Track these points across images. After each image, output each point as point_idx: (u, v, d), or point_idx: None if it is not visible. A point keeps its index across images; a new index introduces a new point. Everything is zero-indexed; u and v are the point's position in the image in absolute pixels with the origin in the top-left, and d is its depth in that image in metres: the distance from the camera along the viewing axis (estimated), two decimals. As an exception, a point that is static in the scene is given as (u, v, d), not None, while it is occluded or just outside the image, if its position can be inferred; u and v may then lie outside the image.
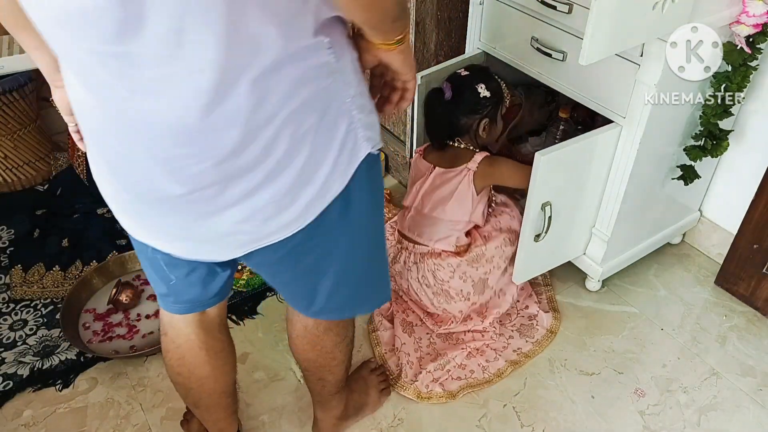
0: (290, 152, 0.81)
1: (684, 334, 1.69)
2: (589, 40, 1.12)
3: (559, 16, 1.46)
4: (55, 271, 1.82)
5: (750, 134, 1.68)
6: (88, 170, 1.93)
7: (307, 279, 1.02)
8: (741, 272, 1.74)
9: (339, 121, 0.84)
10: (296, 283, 1.05)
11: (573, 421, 1.49)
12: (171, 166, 0.80)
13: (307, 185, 0.85)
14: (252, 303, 1.79)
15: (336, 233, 0.95)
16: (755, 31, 1.37)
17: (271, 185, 0.82)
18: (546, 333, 1.67)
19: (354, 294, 1.10)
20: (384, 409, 1.51)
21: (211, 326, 1.17)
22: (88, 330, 1.69)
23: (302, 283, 1.04)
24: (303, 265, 0.98)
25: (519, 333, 1.67)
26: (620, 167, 1.53)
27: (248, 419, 1.49)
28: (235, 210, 0.84)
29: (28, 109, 2.12)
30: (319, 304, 1.06)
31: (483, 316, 1.66)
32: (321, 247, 0.96)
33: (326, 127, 0.83)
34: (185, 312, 1.12)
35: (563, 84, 1.56)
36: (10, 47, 2.05)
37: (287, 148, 0.80)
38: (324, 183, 0.86)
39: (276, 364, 1.62)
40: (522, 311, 1.73)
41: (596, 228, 1.67)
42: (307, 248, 0.94)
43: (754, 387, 1.56)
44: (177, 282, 1.06)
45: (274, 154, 0.80)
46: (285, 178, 0.82)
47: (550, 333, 1.67)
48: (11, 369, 1.59)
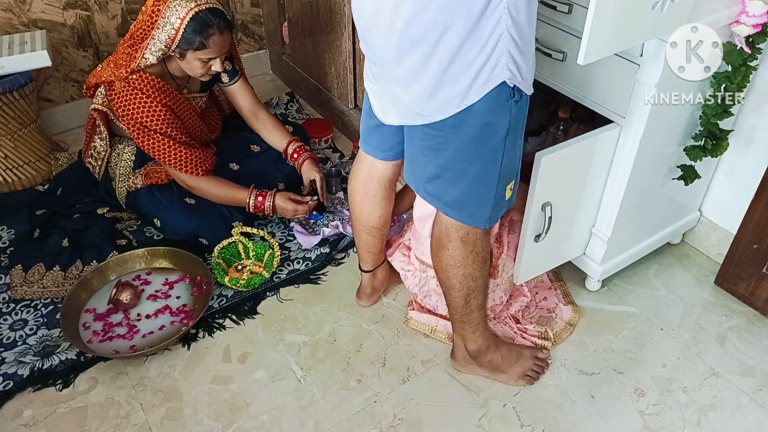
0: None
1: (684, 334, 1.69)
2: (588, 39, 1.12)
3: (559, 16, 1.46)
4: (55, 271, 1.82)
5: (750, 134, 1.68)
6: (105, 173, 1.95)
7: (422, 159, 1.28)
8: (741, 272, 1.74)
9: (490, 38, 1.06)
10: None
11: (573, 421, 1.49)
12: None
13: (445, 85, 1.11)
14: (252, 303, 1.79)
15: (451, 140, 1.19)
16: (755, 31, 1.37)
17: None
18: (565, 325, 1.69)
19: (454, 198, 1.28)
20: (384, 408, 1.51)
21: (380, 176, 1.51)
22: (88, 330, 1.69)
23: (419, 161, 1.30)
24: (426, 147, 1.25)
25: (537, 324, 1.69)
26: (620, 167, 1.53)
27: (248, 419, 1.49)
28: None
29: (28, 109, 2.12)
30: (421, 182, 1.32)
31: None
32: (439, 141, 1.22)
33: (477, 36, 1.05)
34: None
35: (563, 84, 1.56)
36: (11, 47, 2.05)
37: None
38: (456, 91, 1.11)
39: (276, 364, 1.62)
40: (540, 303, 1.75)
41: (596, 228, 1.67)
42: (432, 137, 1.21)
43: (753, 387, 1.56)
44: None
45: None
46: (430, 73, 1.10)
47: (569, 325, 1.69)
48: (11, 369, 1.59)
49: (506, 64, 1.09)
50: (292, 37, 2.59)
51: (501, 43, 1.07)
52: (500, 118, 1.17)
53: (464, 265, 1.36)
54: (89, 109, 1.91)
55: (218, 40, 1.72)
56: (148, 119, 1.76)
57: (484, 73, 1.10)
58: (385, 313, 1.75)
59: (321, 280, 1.87)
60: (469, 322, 1.47)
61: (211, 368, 1.61)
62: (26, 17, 2.25)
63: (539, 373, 1.57)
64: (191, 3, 1.69)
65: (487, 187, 1.26)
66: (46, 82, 2.40)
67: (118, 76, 1.75)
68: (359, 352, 1.64)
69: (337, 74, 2.34)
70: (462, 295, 1.41)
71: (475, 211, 1.29)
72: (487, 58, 1.08)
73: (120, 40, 2.43)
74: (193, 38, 1.70)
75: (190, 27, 1.68)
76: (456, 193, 1.27)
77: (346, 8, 2.08)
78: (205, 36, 1.70)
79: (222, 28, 1.72)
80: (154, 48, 1.72)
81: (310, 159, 2.02)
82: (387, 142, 1.43)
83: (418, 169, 1.31)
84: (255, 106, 2.05)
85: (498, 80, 1.11)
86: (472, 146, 1.20)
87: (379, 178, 1.52)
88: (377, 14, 1.12)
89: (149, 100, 1.74)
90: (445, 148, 1.21)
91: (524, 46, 1.10)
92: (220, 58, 1.77)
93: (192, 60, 1.75)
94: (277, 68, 2.90)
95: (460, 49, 1.07)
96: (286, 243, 1.98)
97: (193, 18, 1.68)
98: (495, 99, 1.13)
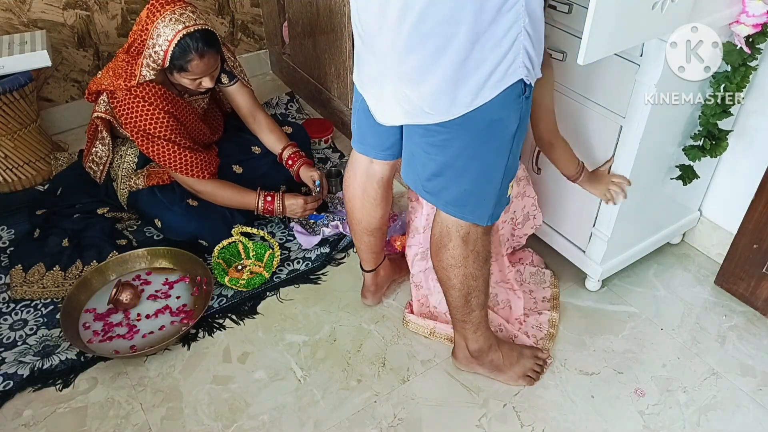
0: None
1: (684, 334, 1.69)
2: (588, 39, 1.12)
3: (559, 16, 1.46)
4: (55, 271, 1.82)
5: (750, 134, 1.68)
6: (107, 175, 1.95)
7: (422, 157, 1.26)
8: (741, 272, 1.74)
9: (507, 36, 1.03)
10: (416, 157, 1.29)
11: (573, 421, 1.49)
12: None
13: (461, 83, 1.08)
14: (252, 303, 1.79)
15: (458, 137, 1.17)
16: (755, 31, 1.37)
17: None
18: (548, 332, 1.68)
19: (455, 195, 1.26)
20: (384, 408, 1.51)
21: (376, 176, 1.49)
22: (88, 330, 1.69)
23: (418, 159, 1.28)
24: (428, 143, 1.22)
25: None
26: (620, 167, 1.53)
27: (248, 419, 1.49)
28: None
29: (28, 109, 2.12)
30: (420, 180, 1.30)
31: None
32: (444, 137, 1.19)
33: (492, 33, 1.02)
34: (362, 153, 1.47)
35: (563, 84, 1.56)
36: (11, 47, 2.05)
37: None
38: (472, 88, 1.08)
39: (276, 364, 1.62)
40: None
41: (596, 228, 1.67)
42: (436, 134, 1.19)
43: (753, 387, 1.56)
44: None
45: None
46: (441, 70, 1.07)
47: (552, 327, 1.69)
48: (11, 369, 1.59)
49: (523, 62, 1.07)
50: (292, 37, 2.59)
51: (518, 41, 1.04)
52: (510, 114, 1.14)
53: (465, 265, 1.35)
54: (92, 116, 1.92)
55: (199, 64, 1.73)
56: (152, 126, 1.77)
57: (499, 71, 1.06)
58: (385, 313, 1.75)
59: (321, 280, 1.87)
60: (470, 321, 1.46)
61: (211, 368, 1.61)
62: (26, 17, 2.25)
63: (539, 373, 1.57)
64: (179, 25, 1.69)
65: (491, 184, 1.24)
66: (46, 82, 2.40)
67: (117, 86, 1.77)
68: (359, 352, 1.64)
69: (337, 74, 2.34)
70: (462, 295, 1.41)
71: (477, 208, 1.28)
72: (503, 56, 1.05)
73: (120, 40, 2.44)
74: (175, 63, 1.72)
75: (175, 52, 1.70)
76: (458, 190, 1.25)
77: (346, 8, 2.08)
78: (184, 61, 1.72)
79: (202, 53, 1.72)
80: (148, 66, 1.74)
81: (306, 164, 2.03)
82: (385, 140, 1.40)
83: (417, 166, 1.29)
84: (253, 107, 2.05)
85: (514, 78, 1.08)
86: (479, 143, 1.17)
87: (378, 180, 1.50)
88: (385, 7, 1.07)
89: (152, 107, 1.76)
90: (449, 145, 1.18)
91: (538, 41, 1.08)
92: (209, 76, 1.80)
93: (180, 79, 1.78)
94: (277, 68, 2.90)
95: (474, 46, 1.04)
96: (286, 243, 1.98)
97: (177, 44, 1.70)
98: (507, 96, 1.10)
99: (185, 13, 1.71)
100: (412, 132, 1.25)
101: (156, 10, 1.72)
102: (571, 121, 1.59)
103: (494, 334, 1.56)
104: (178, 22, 1.69)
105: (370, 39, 1.17)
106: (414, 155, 1.28)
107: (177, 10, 1.71)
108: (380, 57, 1.16)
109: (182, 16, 1.70)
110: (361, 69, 1.27)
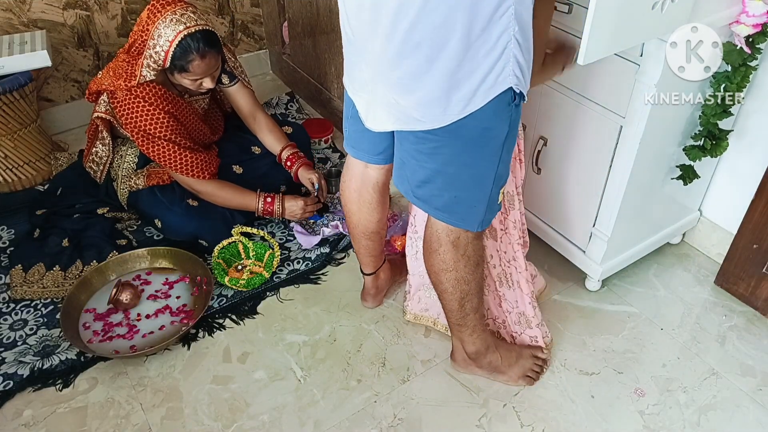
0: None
1: (684, 334, 1.69)
2: (588, 39, 1.12)
3: (559, 16, 1.46)
4: (55, 271, 1.82)
5: (750, 134, 1.68)
6: (107, 175, 1.95)
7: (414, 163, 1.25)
8: (741, 272, 1.74)
9: (498, 43, 1.03)
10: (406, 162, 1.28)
11: (573, 421, 1.49)
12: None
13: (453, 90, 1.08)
14: (252, 303, 1.79)
15: (448, 144, 1.16)
16: (755, 31, 1.37)
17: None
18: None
19: (445, 202, 1.26)
20: (384, 408, 1.51)
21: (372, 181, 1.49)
22: (88, 330, 1.69)
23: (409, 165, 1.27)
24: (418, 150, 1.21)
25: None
26: (620, 167, 1.53)
27: (248, 419, 1.49)
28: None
29: (28, 109, 2.12)
30: (410, 186, 1.29)
31: None
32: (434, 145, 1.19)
33: (484, 41, 1.03)
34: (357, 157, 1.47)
35: (563, 84, 1.56)
36: (11, 47, 2.05)
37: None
38: (462, 96, 1.08)
39: (276, 364, 1.62)
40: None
41: (596, 227, 1.67)
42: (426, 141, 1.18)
43: (753, 387, 1.56)
44: None
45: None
46: (434, 76, 1.07)
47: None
48: (11, 369, 1.59)
49: (512, 70, 1.07)
50: (292, 37, 2.59)
51: (508, 48, 1.04)
52: (500, 123, 1.14)
53: (456, 269, 1.35)
54: (92, 116, 1.92)
55: (200, 65, 1.74)
56: (152, 127, 1.77)
57: (490, 78, 1.07)
58: (385, 313, 1.75)
59: (321, 280, 1.87)
60: (465, 324, 1.46)
61: (211, 368, 1.61)
62: (26, 17, 2.25)
63: (539, 373, 1.57)
64: (180, 25, 1.69)
65: (481, 191, 1.24)
66: (46, 82, 2.40)
67: (118, 86, 1.77)
68: (359, 352, 1.64)
69: (337, 74, 2.34)
70: (456, 299, 1.40)
71: (467, 214, 1.27)
72: (493, 64, 1.05)
73: (120, 40, 2.44)
74: (176, 63, 1.72)
75: (176, 52, 1.70)
76: (448, 197, 1.25)
77: (346, 8, 2.08)
78: (185, 61, 1.72)
79: (203, 53, 1.72)
80: (149, 66, 1.74)
81: (304, 165, 2.03)
82: (377, 146, 1.39)
83: (408, 173, 1.28)
84: (253, 108, 2.05)
85: (504, 86, 1.08)
86: (469, 151, 1.17)
87: (373, 184, 1.50)
88: (377, 13, 1.06)
89: (152, 108, 1.76)
90: (439, 152, 1.18)
91: (527, 50, 1.08)
92: (210, 77, 1.80)
93: (181, 79, 1.78)
94: (277, 68, 2.90)
95: (467, 53, 1.04)
96: (286, 243, 1.98)
97: (178, 44, 1.69)
98: (497, 103, 1.10)
99: (186, 14, 1.71)
100: (402, 138, 1.24)
101: (157, 10, 1.72)
102: (570, 121, 1.59)
103: (492, 335, 1.56)
104: (179, 22, 1.69)
105: (362, 44, 1.15)
106: (404, 162, 1.27)
107: (178, 11, 1.71)
108: (372, 63, 1.14)
109: (183, 17, 1.70)
110: (352, 73, 1.26)
